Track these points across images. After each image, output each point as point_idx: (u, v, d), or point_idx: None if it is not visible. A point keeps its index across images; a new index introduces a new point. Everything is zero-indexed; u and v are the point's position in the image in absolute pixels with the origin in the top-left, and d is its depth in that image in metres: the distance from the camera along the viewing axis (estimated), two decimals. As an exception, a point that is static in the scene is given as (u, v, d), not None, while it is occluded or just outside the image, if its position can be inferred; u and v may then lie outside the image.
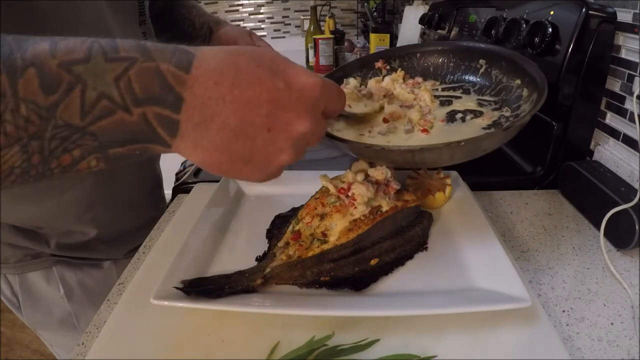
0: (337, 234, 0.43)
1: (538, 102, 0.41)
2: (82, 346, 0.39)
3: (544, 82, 0.43)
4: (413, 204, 0.48)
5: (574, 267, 0.48)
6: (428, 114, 0.49)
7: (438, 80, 0.57)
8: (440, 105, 0.52)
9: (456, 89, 0.55)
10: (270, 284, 0.42)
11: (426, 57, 0.59)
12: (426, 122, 0.48)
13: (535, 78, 0.45)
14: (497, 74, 0.52)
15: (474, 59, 0.55)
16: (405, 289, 0.42)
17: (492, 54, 0.53)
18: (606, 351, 0.37)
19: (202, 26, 0.82)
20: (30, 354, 1.64)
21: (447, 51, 0.58)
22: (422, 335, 0.37)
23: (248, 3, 2.39)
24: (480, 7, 0.96)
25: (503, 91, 0.51)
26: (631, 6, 0.56)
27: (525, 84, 0.48)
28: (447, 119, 0.49)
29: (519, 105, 0.47)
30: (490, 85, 0.53)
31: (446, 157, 0.41)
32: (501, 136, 0.40)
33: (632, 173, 0.56)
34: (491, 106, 0.50)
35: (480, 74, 0.54)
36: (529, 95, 0.46)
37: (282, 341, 0.36)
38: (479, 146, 0.40)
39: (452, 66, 0.57)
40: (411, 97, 0.53)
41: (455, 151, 0.39)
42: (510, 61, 0.51)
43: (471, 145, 0.39)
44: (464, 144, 0.37)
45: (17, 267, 0.61)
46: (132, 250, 0.65)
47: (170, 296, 0.38)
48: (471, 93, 0.54)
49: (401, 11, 1.82)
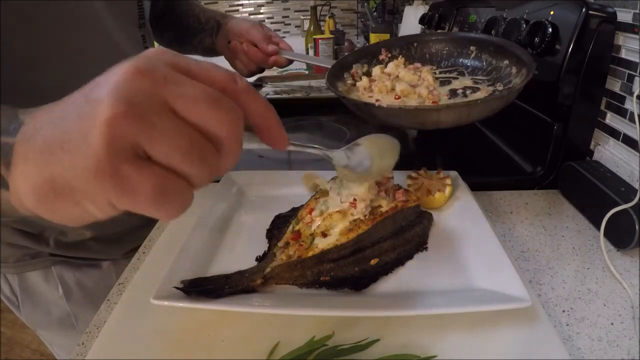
0: (337, 234, 0.43)
1: (529, 73, 0.48)
2: (82, 346, 0.39)
3: (530, 59, 0.51)
4: (413, 204, 0.48)
5: (574, 267, 0.48)
6: (434, 90, 0.56)
7: (434, 65, 0.65)
8: (440, 85, 0.59)
9: (452, 72, 0.63)
10: (270, 284, 0.42)
11: (423, 46, 0.66)
12: (434, 96, 0.55)
13: (522, 57, 0.53)
14: (487, 57, 0.60)
15: (465, 46, 0.63)
16: (405, 289, 0.42)
17: (480, 41, 0.62)
18: (606, 351, 0.37)
19: (208, 20, 0.82)
20: (30, 354, 1.64)
21: (441, 40, 0.66)
22: (422, 335, 0.37)
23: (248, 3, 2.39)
24: (480, 7, 0.96)
25: (494, 71, 0.58)
26: (631, 6, 0.56)
27: (513, 62, 0.55)
28: (451, 94, 0.56)
29: (510, 80, 0.54)
30: (482, 67, 0.60)
31: (464, 115, 0.47)
32: (508, 97, 0.47)
33: (632, 173, 0.56)
34: (485, 83, 0.58)
35: (472, 58, 0.62)
36: (518, 71, 0.53)
37: (282, 341, 0.36)
38: (491, 106, 0.48)
39: (446, 53, 0.65)
40: (415, 78, 0.60)
41: (472, 109, 0.46)
42: (497, 46, 0.58)
43: (486, 104, 0.47)
44: (480, 102, 0.46)
45: (17, 266, 0.61)
46: (130, 250, 0.65)
47: (170, 296, 0.38)
48: (465, 75, 0.61)
49: (401, 11, 1.82)
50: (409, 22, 1.58)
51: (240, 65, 0.81)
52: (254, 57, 0.78)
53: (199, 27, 0.82)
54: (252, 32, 0.77)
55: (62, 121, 0.21)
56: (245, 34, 0.78)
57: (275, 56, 0.77)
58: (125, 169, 0.20)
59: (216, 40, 0.82)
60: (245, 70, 0.81)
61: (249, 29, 0.77)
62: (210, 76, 0.23)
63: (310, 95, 1.13)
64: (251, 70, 0.81)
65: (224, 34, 0.80)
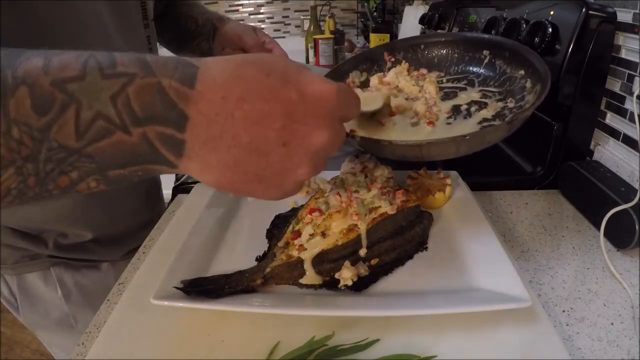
0: (337, 234, 0.43)
1: (542, 93, 0.41)
2: (82, 346, 0.39)
3: (547, 73, 0.44)
4: (413, 204, 0.48)
5: (574, 267, 0.48)
6: (433, 106, 0.50)
7: (442, 71, 0.57)
8: (445, 99, 0.53)
9: (461, 80, 0.55)
10: (270, 284, 0.42)
11: (430, 48, 0.59)
12: (432, 115, 0.49)
13: (539, 69, 0.46)
14: (501, 64, 0.53)
15: (477, 49, 0.55)
16: (405, 289, 0.42)
17: (495, 44, 0.54)
18: (606, 351, 0.37)
19: (205, 24, 0.81)
20: (30, 354, 1.64)
21: (451, 42, 0.58)
22: (422, 335, 0.37)
23: (248, 3, 2.39)
24: (480, 7, 0.96)
25: (507, 82, 0.51)
26: (631, 6, 0.56)
27: (528, 74, 0.48)
28: (452, 111, 0.50)
29: (523, 96, 0.48)
30: (495, 76, 0.53)
31: (452, 150, 0.41)
32: (505, 129, 0.41)
33: (632, 173, 0.56)
34: (495, 97, 0.51)
35: (484, 64, 0.55)
36: (533, 86, 0.47)
37: (282, 341, 0.36)
38: (483, 139, 0.41)
39: (457, 57, 0.57)
40: (416, 90, 0.53)
41: (461, 145, 0.40)
42: (513, 51, 0.51)
43: (476, 139, 0.40)
44: (469, 138, 0.38)
45: (15, 268, 0.60)
46: (129, 252, 0.65)
47: (170, 296, 0.38)
48: (475, 84, 0.54)
49: (401, 11, 1.82)
50: (408, 22, 1.58)
51: None
52: None
53: (196, 31, 0.81)
54: (244, 39, 0.76)
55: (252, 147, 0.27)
56: (237, 41, 0.76)
57: None
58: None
59: (212, 45, 0.81)
60: None
61: (241, 35, 0.76)
62: (346, 116, 0.32)
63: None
64: None
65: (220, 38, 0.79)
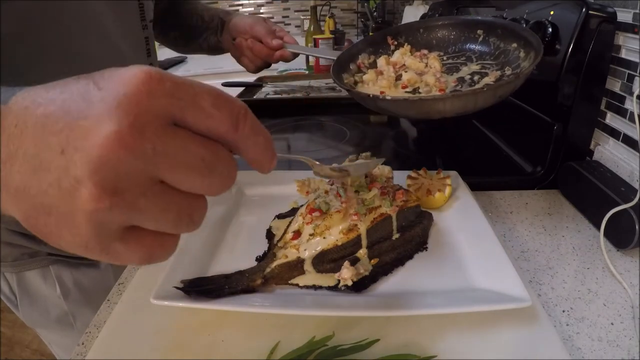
0: (337, 234, 0.43)
1: (537, 56, 0.47)
2: (82, 346, 0.39)
3: (538, 41, 0.49)
4: (413, 204, 0.48)
5: (574, 267, 0.48)
6: (441, 78, 0.55)
7: (442, 51, 0.63)
8: (448, 73, 0.58)
9: (459, 57, 0.61)
10: (270, 284, 0.42)
11: (429, 31, 0.65)
12: (441, 84, 0.54)
13: (530, 40, 0.51)
14: (495, 40, 0.58)
15: (472, 29, 0.62)
16: (405, 289, 0.42)
17: (488, 24, 0.60)
18: (606, 351, 0.37)
19: (212, 18, 0.82)
20: (30, 354, 1.64)
21: (447, 25, 0.64)
22: (422, 335, 0.37)
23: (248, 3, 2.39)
24: (480, 7, 0.96)
25: (502, 54, 0.57)
26: (631, 6, 0.56)
27: (521, 45, 0.54)
28: (458, 81, 0.55)
29: (519, 64, 0.53)
30: (490, 51, 0.59)
31: (471, 104, 0.46)
32: (515, 83, 0.46)
33: (632, 173, 0.56)
34: (493, 68, 0.56)
35: (480, 42, 0.60)
36: (527, 54, 0.52)
37: (282, 341, 0.36)
38: (497, 92, 0.47)
39: (453, 38, 0.63)
40: (422, 66, 0.59)
41: (479, 97, 0.46)
42: (505, 28, 0.57)
43: (492, 92, 0.46)
44: (486, 90, 0.45)
45: (15, 265, 0.61)
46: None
47: (170, 296, 0.38)
48: (473, 60, 0.60)
49: (401, 11, 1.82)
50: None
51: (246, 62, 0.81)
52: (259, 53, 0.78)
53: (203, 26, 0.82)
54: (255, 27, 0.77)
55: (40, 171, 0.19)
56: (249, 30, 0.78)
57: (281, 50, 0.77)
58: (113, 246, 0.21)
59: (221, 38, 0.82)
60: (251, 66, 0.81)
61: (252, 24, 0.77)
62: (209, 126, 0.20)
63: (310, 95, 1.14)
64: (258, 65, 0.81)
65: (228, 31, 0.80)
